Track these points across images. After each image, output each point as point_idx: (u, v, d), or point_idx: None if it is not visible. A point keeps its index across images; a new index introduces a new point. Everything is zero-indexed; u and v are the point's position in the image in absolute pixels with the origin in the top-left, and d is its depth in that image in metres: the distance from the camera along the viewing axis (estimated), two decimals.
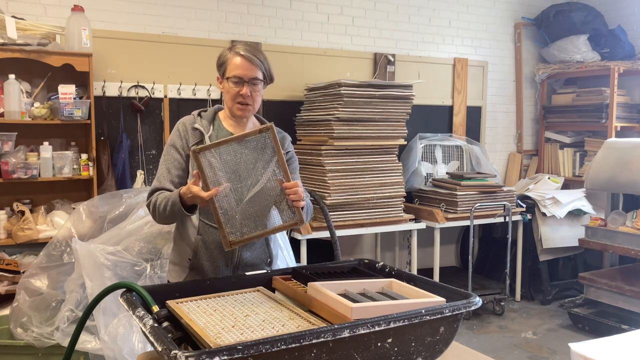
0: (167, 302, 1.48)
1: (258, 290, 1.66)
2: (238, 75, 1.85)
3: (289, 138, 2.11)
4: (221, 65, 1.90)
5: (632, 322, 3.77)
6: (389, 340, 1.28)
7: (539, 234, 4.65)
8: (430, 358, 1.39)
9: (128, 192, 3.17)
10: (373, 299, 1.51)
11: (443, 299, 1.44)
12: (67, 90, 3.21)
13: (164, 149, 1.96)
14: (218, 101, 3.98)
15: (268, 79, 1.92)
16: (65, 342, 2.65)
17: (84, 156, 3.37)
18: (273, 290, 1.69)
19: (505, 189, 4.60)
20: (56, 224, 3.24)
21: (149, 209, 1.89)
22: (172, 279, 2.00)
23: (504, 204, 4.47)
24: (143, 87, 3.80)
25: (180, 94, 3.91)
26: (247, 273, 1.78)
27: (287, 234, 3.28)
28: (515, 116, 5.60)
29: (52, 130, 3.43)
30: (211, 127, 1.93)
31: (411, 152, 4.74)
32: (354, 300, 1.44)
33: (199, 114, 1.97)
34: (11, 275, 3.11)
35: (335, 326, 1.21)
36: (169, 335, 1.30)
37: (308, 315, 1.43)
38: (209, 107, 2.09)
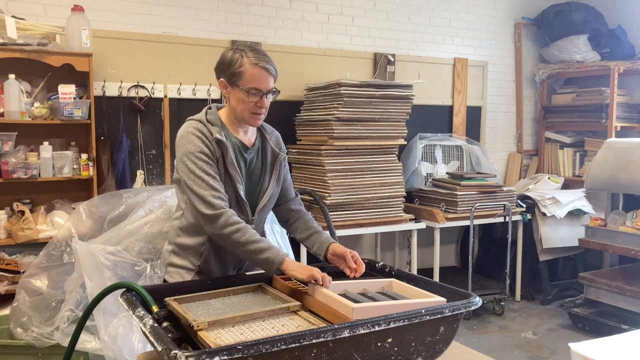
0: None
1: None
2: (257, 87, 1.77)
3: (280, 137, 2.05)
4: (233, 73, 1.78)
5: (632, 322, 3.77)
6: (389, 340, 1.28)
7: (539, 234, 4.65)
8: (430, 358, 1.39)
9: (128, 192, 3.16)
10: (373, 299, 1.51)
11: (443, 299, 1.44)
12: (67, 90, 3.21)
13: (188, 157, 1.75)
14: (218, 101, 3.98)
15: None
16: (65, 342, 2.65)
17: (84, 156, 3.37)
18: None
19: (505, 189, 4.60)
20: (56, 224, 3.24)
21: (214, 221, 1.68)
22: (173, 281, 1.89)
23: (504, 204, 4.47)
24: (143, 87, 3.79)
25: (180, 94, 3.91)
26: (248, 273, 1.78)
27: (287, 234, 3.28)
28: (515, 116, 5.60)
29: (52, 130, 3.42)
30: (223, 135, 1.82)
31: (411, 152, 4.74)
32: (355, 301, 1.44)
33: (207, 121, 1.83)
34: (11, 275, 3.11)
35: (335, 326, 1.21)
36: (169, 335, 1.30)
37: (308, 315, 1.43)
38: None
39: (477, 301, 1.42)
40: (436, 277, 4.35)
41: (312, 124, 4.11)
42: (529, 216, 4.66)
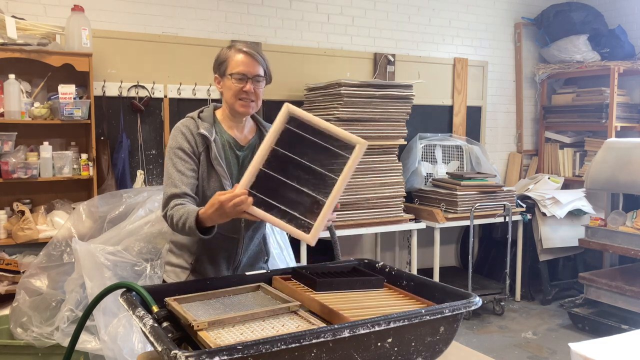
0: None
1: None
2: (241, 71, 1.80)
3: None
4: (221, 63, 1.85)
5: (632, 322, 3.77)
6: (389, 340, 1.28)
7: (539, 234, 4.65)
8: (430, 358, 1.39)
9: (128, 192, 3.16)
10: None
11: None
12: (67, 90, 3.21)
13: (168, 154, 1.82)
14: (218, 101, 3.97)
15: (268, 77, 1.88)
16: (65, 342, 2.65)
17: (84, 156, 3.37)
18: None
19: (505, 189, 4.60)
20: (56, 224, 3.24)
21: (166, 221, 1.73)
22: (170, 280, 1.93)
23: (504, 204, 4.47)
24: (143, 87, 3.79)
25: (180, 94, 3.91)
26: (248, 273, 1.78)
27: (287, 234, 3.28)
28: (515, 116, 5.60)
29: (52, 130, 3.43)
30: (214, 131, 1.84)
31: (411, 152, 4.74)
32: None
33: (199, 116, 1.88)
34: (11, 275, 3.11)
35: (335, 326, 1.21)
36: (169, 335, 1.30)
37: (308, 315, 1.43)
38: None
39: (477, 301, 1.42)
40: (436, 277, 4.36)
41: None
42: (529, 216, 4.66)
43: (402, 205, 4.23)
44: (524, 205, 4.69)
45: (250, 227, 1.91)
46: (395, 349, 1.30)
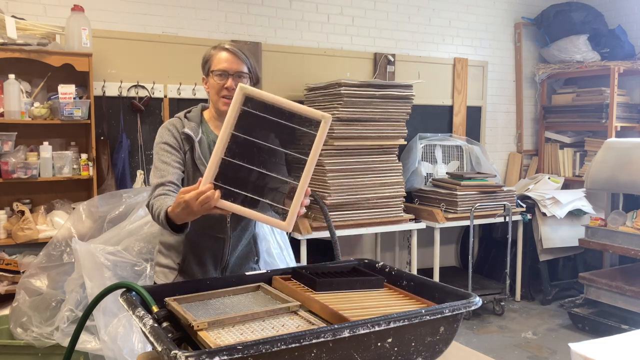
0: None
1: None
2: (223, 68, 1.81)
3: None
4: (206, 62, 1.86)
5: (632, 322, 3.77)
6: (389, 340, 1.28)
7: (539, 234, 4.65)
8: (430, 358, 1.39)
9: (128, 192, 3.16)
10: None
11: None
12: (67, 90, 3.21)
13: (154, 149, 1.83)
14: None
15: (253, 75, 1.87)
16: (65, 342, 2.65)
17: (84, 156, 3.37)
18: None
19: (505, 189, 4.60)
20: (56, 224, 3.24)
21: (148, 210, 1.73)
22: (159, 281, 1.94)
23: (504, 204, 4.47)
24: (143, 87, 3.79)
25: (180, 94, 3.91)
26: (248, 273, 1.78)
27: (287, 233, 3.28)
28: (515, 116, 5.60)
29: (52, 130, 3.43)
30: (200, 131, 1.85)
31: (411, 152, 4.74)
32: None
33: (185, 116, 1.88)
34: (11, 275, 3.11)
35: (335, 326, 1.21)
36: (169, 335, 1.30)
37: (308, 315, 1.43)
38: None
39: (477, 301, 1.42)
40: (436, 277, 4.36)
41: None
42: (529, 216, 4.66)
43: (402, 205, 4.23)
44: (524, 205, 4.69)
45: (237, 226, 1.90)
46: (395, 349, 1.30)
